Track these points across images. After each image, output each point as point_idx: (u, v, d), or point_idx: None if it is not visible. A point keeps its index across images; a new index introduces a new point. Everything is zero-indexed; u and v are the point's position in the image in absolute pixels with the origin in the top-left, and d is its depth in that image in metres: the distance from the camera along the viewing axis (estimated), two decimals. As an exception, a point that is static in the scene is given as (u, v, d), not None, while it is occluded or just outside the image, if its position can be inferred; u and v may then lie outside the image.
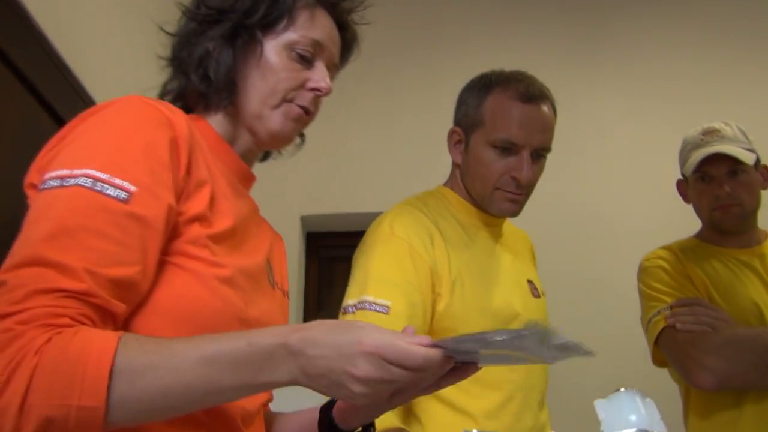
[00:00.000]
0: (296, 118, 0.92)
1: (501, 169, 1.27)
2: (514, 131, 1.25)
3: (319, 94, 0.92)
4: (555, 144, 2.85)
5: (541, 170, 1.33)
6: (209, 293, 0.75)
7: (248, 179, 0.97)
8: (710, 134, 1.56)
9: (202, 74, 0.89)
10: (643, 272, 1.65)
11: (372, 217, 1.33)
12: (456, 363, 0.68)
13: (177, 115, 0.80)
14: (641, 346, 1.60)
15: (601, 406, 0.42)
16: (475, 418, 1.16)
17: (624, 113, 2.99)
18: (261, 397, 0.89)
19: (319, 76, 0.91)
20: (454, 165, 1.39)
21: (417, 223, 1.26)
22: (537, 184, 2.69)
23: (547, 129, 1.30)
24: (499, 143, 1.26)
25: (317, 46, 0.91)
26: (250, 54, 0.90)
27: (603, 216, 2.79)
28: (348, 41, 1.00)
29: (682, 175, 1.67)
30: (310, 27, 0.91)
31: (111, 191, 0.68)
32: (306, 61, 0.91)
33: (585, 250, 2.71)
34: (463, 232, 1.30)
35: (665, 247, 1.67)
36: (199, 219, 0.78)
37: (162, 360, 0.64)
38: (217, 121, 0.92)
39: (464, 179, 1.36)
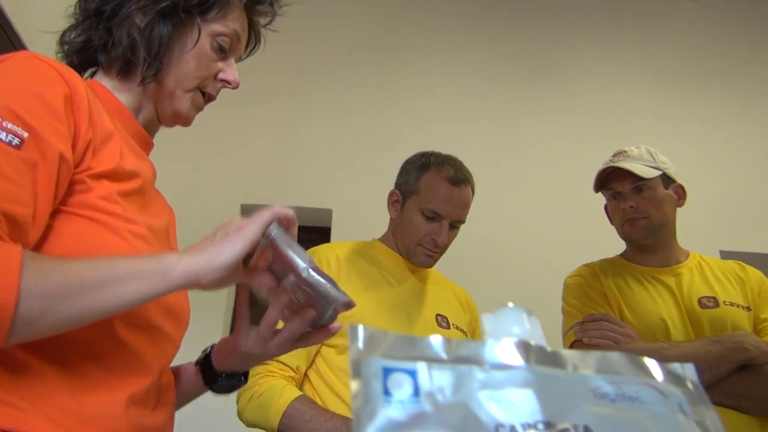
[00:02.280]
0: (199, 106, 0.97)
1: (425, 231, 1.57)
2: (440, 205, 1.56)
3: (227, 86, 0.97)
4: (503, 165, 3.02)
5: (455, 236, 1.63)
6: (126, 245, 0.75)
7: (148, 144, 0.97)
8: (618, 155, 1.67)
9: (132, 42, 0.89)
10: (565, 289, 1.71)
11: (314, 212, 1.39)
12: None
13: (71, 73, 0.79)
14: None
15: (487, 319, 0.45)
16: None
17: (567, 140, 3.12)
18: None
19: (230, 69, 0.96)
20: (390, 220, 1.68)
21: (325, 254, 1.55)
22: (486, 205, 2.82)
23: (465, 206, 1.60)
24: (428, 212, 1.57)
25: (236, 41, 0.96)
26: (183, 35, 0.91)
27: (543, 233, 2.88)
28: (251, 42, 1.05)
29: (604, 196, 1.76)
30: (234, 22, 0.95)
31: (2, 135, 0.67)
32: (222, 53, 0.94)
33: (527, 264, 2.78)
34: (377, 272, 1.58)
35: (587, 265, 1.73)
36: (108, 176, 0.78)
37: (65, 260, 0.67)
38: (124, 89, 0.92)
39: (395, 232, 1.65)
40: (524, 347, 0.43)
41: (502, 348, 0.43)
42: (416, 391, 0.40)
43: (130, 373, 0.77)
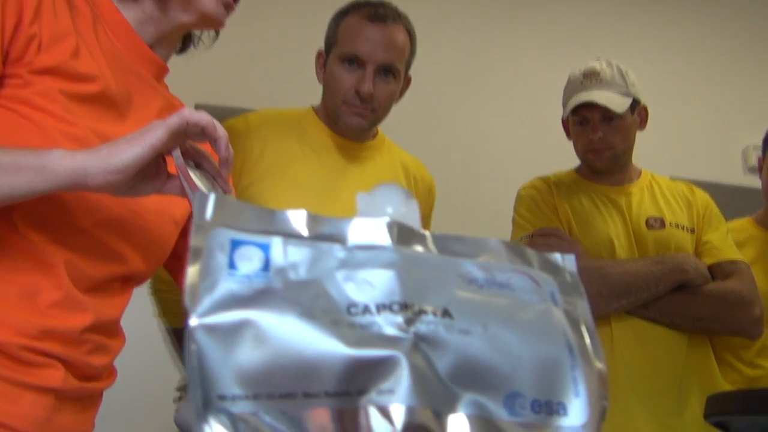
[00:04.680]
0: (227, 4, 0.93)
1: (347, 83, 1.34)
2: (358, 46, 1.33)
3: None
4: (467, 83, 2.97)
5: (390, 90, 1.38)
6: (50, 144, 0.70)
7: (149, 62, 0.91)
8: (589, 77, 1.57)
9: None
10: (517, 200, 1.70)
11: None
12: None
13: None
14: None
15: (360, 198, 0.42)
16: None
17: (536, 60, 3.06)
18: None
19: None
20: (323, 90, 1.48)
21: (234, 123, 1.39)
22: (446, 118, 2.78)
23: (391, 47, 1.35)
24: (346, 57, 1.34)
25: None
26: None
27: (499, 147, 2.86)
28: None
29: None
30: None
31: None
32: None
33: (487, 181, 2.77)
34: (297, 146, 1.39)
35: (541, 178, 1.70)
36: (53, 72, 0.73)
37: None
38: (131, 4, 0.87)
39: (323, 97, 1.44)
40: (394, 228, 0.40)
41: (369, 227, 0.39)
42: (266, 266, 0.37)
43: (29, 271, 0.72)
